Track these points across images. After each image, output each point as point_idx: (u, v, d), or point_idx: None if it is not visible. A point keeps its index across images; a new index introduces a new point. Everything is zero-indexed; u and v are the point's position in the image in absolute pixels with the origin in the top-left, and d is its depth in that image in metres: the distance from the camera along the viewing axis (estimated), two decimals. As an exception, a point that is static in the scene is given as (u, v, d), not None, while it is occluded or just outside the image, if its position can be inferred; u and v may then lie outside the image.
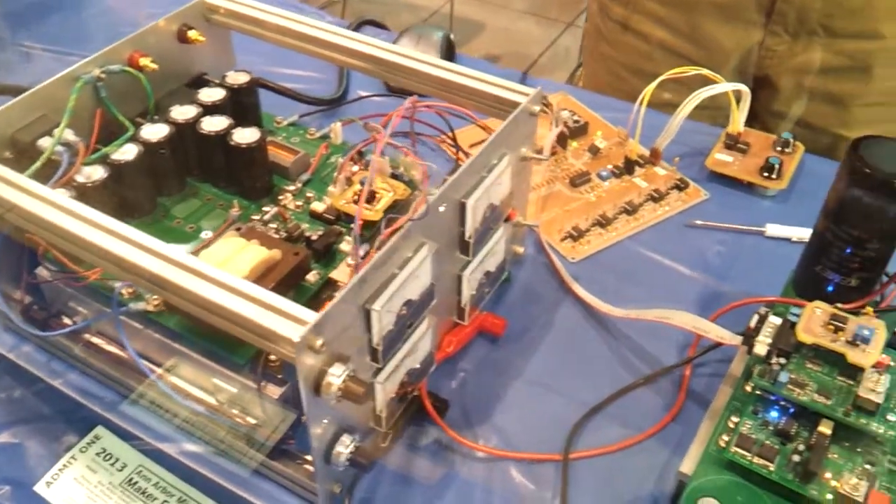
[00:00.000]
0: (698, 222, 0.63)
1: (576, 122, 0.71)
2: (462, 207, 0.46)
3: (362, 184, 0.53)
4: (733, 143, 0.68)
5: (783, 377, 0.43)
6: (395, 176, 0.55)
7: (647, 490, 0.46)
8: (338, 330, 0.38)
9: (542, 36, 2.28)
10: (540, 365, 0.53)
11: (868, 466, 0.42)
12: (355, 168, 0.56)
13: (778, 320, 0.45)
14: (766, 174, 0.66)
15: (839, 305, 0.47)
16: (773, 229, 0.62)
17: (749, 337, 0.45)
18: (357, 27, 0.85)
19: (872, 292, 0.50)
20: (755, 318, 0.45)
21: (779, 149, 0.68)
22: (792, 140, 0.68)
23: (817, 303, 0.46)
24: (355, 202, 0.52)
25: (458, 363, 0.53)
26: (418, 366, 0.46)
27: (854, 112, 0.76)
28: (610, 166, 0.68)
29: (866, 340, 0.43)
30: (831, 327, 0.44)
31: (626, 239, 0.62)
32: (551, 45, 2.25)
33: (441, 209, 0.44)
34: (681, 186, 0.66)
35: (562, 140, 0.70)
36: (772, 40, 0.74)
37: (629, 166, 0.68)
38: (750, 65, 0.77)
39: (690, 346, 0.53)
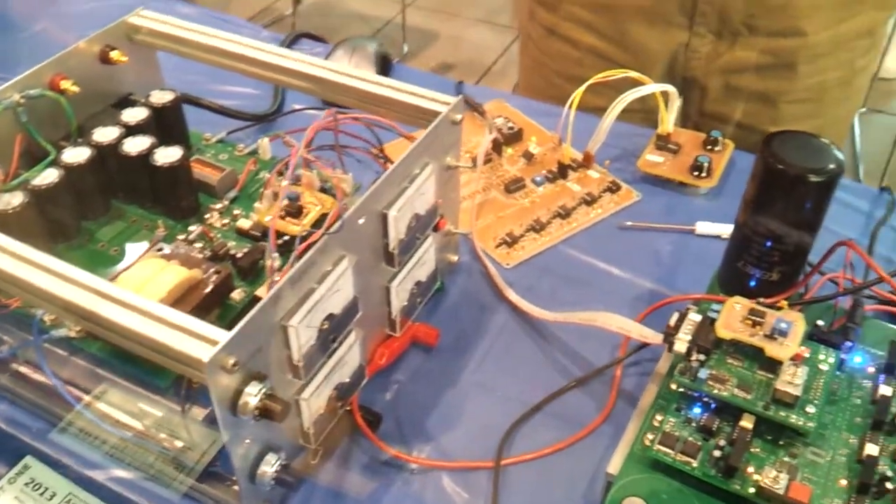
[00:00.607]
0: (629, 223, 0.64)
1: (510, 128, 0.71)
2: (384, 218, 0.46)
3: (289, 199, 0.53)
4: (664, 144, 0.69)
5: (703, 373, 0.43)
6: (324, 190, 0.55)
7: (579, 492, 0.46)
8: (253, 348, 0.37)
9: (496, 43, 2.30)
10: (474, 372, 0.53)
11: (790, 459, 0.43)
12: (284, 183, 0.56)
13: (698, 317, 0.46)
14: (696, 173, 0.67)
15: (761, 300, 0.48)
16: (702, 227, 0.63)
17: (669, 335, 0.45)
18: (293, 41, 0.85)
19: (795, 284, 0.51)
20: (675, 316, 0.46)
21: (709, 147, 0.69)
22: (721, 138, 0.69)
23: (737, 298, 0.46)
24: (281, 218, 0.52)
25: (392, 375, 0.53)
26: (348, 380, 0.46)
27: (782, 109, 0.77)
28: (544, 172, 0.68)
29: (784, 334, 0.44)
30: (749, 322, 0.45)
31: (560, 243, 0.63)
32: (504, 53, 2.27)
33: (360, 221, 0.44)
34: (613, 189, 0.67)
35: (497, 147, 0.70)
36: (697, 41, 0.75)
37: (563, 171, 0.68)
38: (678, 66, 0.78)
39: (621, 347, 0.54)
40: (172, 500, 0.45)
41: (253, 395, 0.37)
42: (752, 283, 0.51)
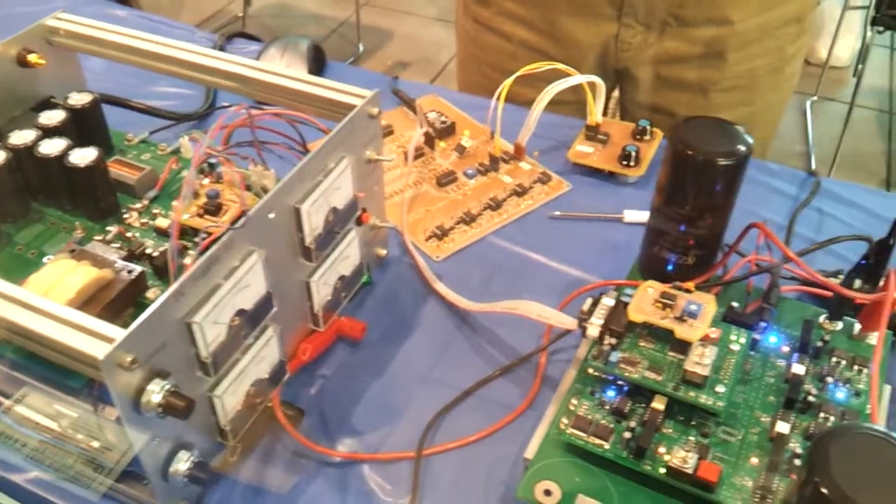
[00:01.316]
0: (558, 213, 0.64)
1: (443, 122, 0.72)
2: (297, 213, 0.46)
3: (209, 196, 0.53)
4: (593, 135, 0.70)
5: (614, 357, 0.44)
6: (248, 187, 0.54)
7: (500, 478, 0.47)
8: (155, 345, 0.37)
9: (450, 41, 2.29)
10: (401, 365, 0.54)
11: (702, 439, 0.43)
12: (206, 181, 0.56)
13: (611, 302, 0.46)
14: (624, 162, 0.67)
15: (678, 283, 0.49)
16: (630, 215, 0.64)
17: (582, 320, 0.45)
18: (227, 40, 0.84)
19: (712, 266, 0.52)
20: (588, 301, 0.46)
21: (637, 137, 0.70)
22: (649, 127, 0.70)
23: (650, 282, 0.47)
24: (200, 216, 0.52)
25: (317, 370, 0.53)
26: (266, 376, 0.46)
27: (712, 97, 0.78)
28: (476, 164, 0.69)
29: (694, 315, 0.45)
30: (661, 305, 0.45)
31: (491, 234, 0.63)
32: (460, 50, 2.27)
33: (271, 216, 0.44)
34: (544, 180, 0.68)
35: (429, 141, 0.71)
36: (626, 33, 0.76)
37: (494, 163, 0.69)
38: (609, 58, 0.78)
39: (545, 334, 0.54)
40: (92, 501, 0.45)
41: (156, 392, 0.37)
42: (670, 268, 0.52)
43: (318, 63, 0.79)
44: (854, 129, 1.98)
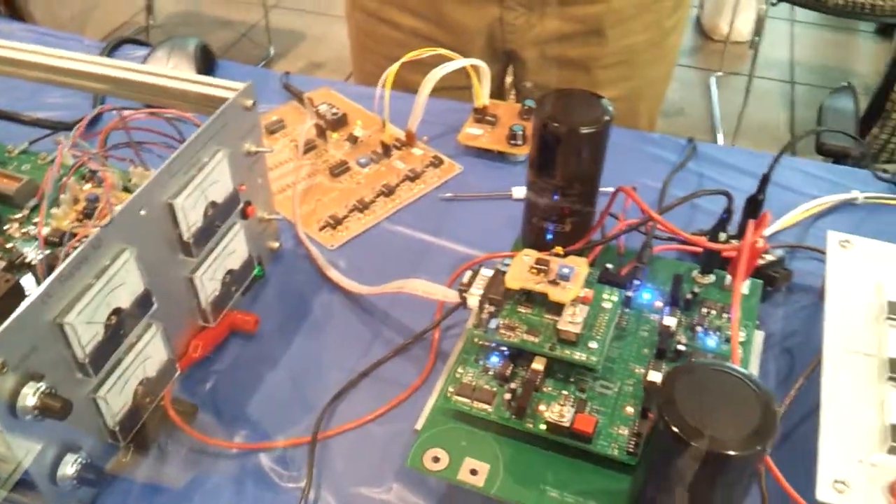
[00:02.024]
0: (449, 195, 0.66)
1: (334, 114, 0.72)
2: (171, 208, 0.46)
3: (88, 200, 0.53)
4: (482, 117, 0.72)
5: (493, 323, 0.46)
6: (127, 189, 0.54)
7: (397, 453, 0.48)
8: (25, 348, 0.37)
9: (363, 38, 2.30)
10: (297, 354, 0.54)
11: (580, 394, 0.45)
12: (87, 186, 0.55)
13: (489, 272, 0.48)
14: (513, 142, 0.69)
15: (558, 250, 0.51)
16: (518, 192, 0.66)
17: (463, 292, 0.47)
18: (115, 47, 0.84)
19: (589, 232, 0.54)
20: (468, 273, 0.48)
21: (525, 117, 0.72)
22: (535, 107, 0.72)
23: (526, 251, 0.49)
24: (80, 220, 0.51)
25: (211, 365, 0.53)
26: (154, 374, 0.46)
27: (596, 74, 0.81)
28: (369, 153, 0.70)
29: (566, 278, 0.46)
30: (535, 271, 0.47)
31: (385, 220, 0.64)
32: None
33: (142, 213, 0.44)
34: (436, 163, 0.69)
35: (322, 133, 0.71)
36: (509, 15, 0.78)
37: (387, 150, 0.70)
38: (496, 41, 0.80)
39: (437, 311, 0.56)
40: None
41: (30, 395, 0.37)
42: (549, 237, 0.53)
43: (206, 63, 0.79)
44: (759, 101, 2.06)
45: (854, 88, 1.08)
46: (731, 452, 0.31)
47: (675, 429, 0.32)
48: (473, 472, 0.43)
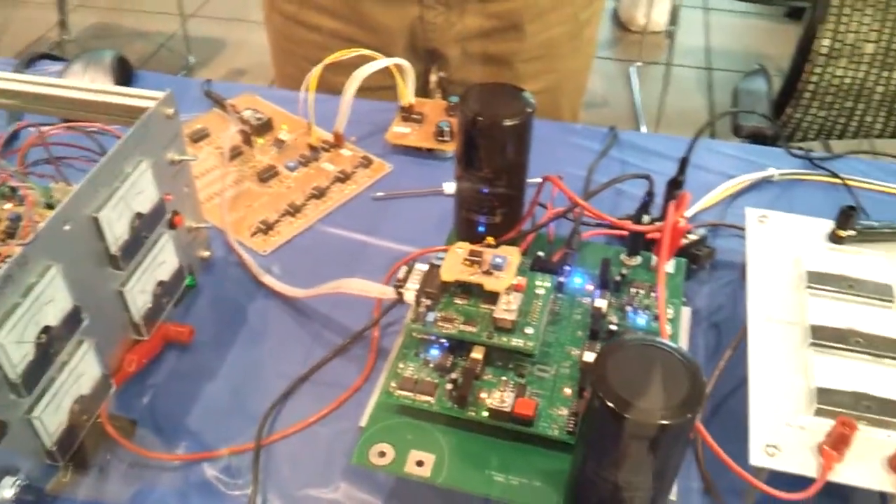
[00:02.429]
0: (380, 194, 0.66)
1: (259, 119, 0.72)
2: (96, 222, 0.45)
3: (10, 220, 0.51)
4: (408, 115, 0.72)
5: (431, 317, 0.46)
6: (50, 206, 0.53)
7: (342, 452, 0.48)
8: (-49, 372, 0.36)
9: (285, 44, 2.28)
10: (235, 362, 0.54)
11: (519, 379, 0.46)
12: (8, 206, 0.54)
13: (424, 267, 0.48)
14: (440, 138, 0.70)
15: (490, 240, 0.51)
16: (448, 187, 0.66)
17: (399, 287, 0.47)
18: (29, 62, 0.81)
19: (520, 221, 0.55)
20: (403, 269, 0.48)
21: (451, 113, 0.73)
22: (459, 102, 0.72)
23: (459, 244, 0.49)
24: (2, 240, 0.50)
25: (148, 379, 0.52)
26: (89, 392, 0.45)
27: (518, 68, 0.82)
28: (297, 156, 0.69)
29: (500, 268, 0.47)
30: (469, 263, 0.48)
31: (318, 222, 0.64)
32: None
33: (66, 228, 0.43)
34: (365, 164, 0.69)
35: (247, 139, 0.71)
36: (429, 14, 0.78)
37: (314, 153, 0.70)
38: (418, 40, 0.81)
39: (375, 309, 0.56)
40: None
41: (-41, 419, 0.36)
42: (481, 229, 0.54)
43: (124, 75, 0.77)
44: (678, 88, 2.11)
45: (766, 70, 1.13)
46: (663, 422, 0.33)
47: (608, 403, 0.33)
48: (420, 463, 0.43)
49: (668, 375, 0.34)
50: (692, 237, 0.59)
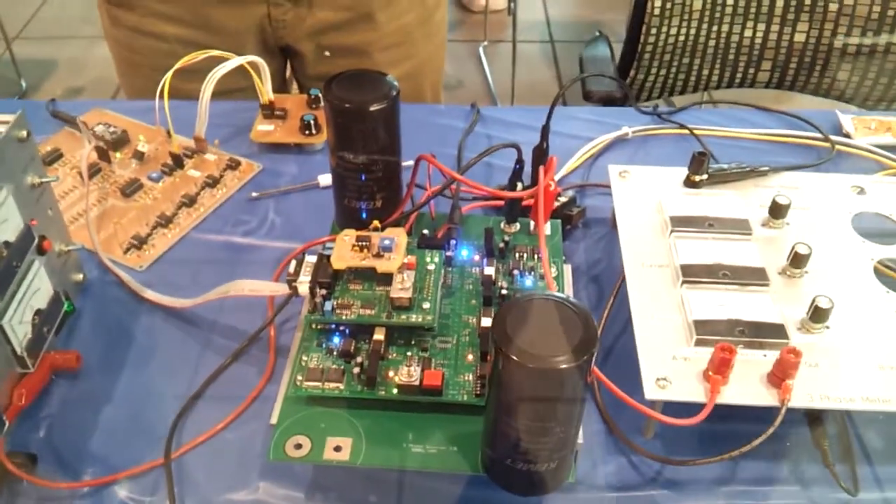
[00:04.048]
0: (255, 194, 0.66)
1: (113, 133, 0.69)
2: (-40, 256, 0.43)
3: None
4: (270, 112, 0.72)
5: (328, 306, 0.47)
6: None
7: (256, 453, 0.48)
8: None
9: (122, 57, 2.18)
10: (128, 381, 0.52)
11: (423, 353, 0.47)
12: None
13: (314, 258, 0.48)
14: (307, 132, 0.70)
15: (375, 224, 0.52)
16: (324, 179, 0.66)
17: (291, 281, 0.47)
18: None
19: (401, 203, 0.56)
20: (293, 263, 0.48)
21: (313, 106, 0.73)
22: (320, 94, 0.73)
23: (345, 231, 0.50)
24: None
25: (41, 411, 0.50)
26: (-22, 433, 0.43)
27: (376, 58, 0.83)
28: (160, 167, 0.68)
29: (389, 249, 0.48)
30: (358, 248, 0.48)
31: (192, 230, 0.63)
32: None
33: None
34: (233, 166, 0.68)
35: (103, 155, 0.68)
36: (276, 11, 0.78)
37: (178, 161, 0.68)
38: (269, 38, 0.80)
39: (268, 308, 0.56)
40: None
41: None
42: (363, 215, 0.55)
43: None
44: (526, 63, 2.18)
45: (606, 36, 1.18)
46: (564, 366, 0.35)
47: (512, 357, 0.35)
48: (337, 448, 0.44)
49: (562, 324, 0.36)
50: (563, 199, 0.62)
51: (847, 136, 0.73)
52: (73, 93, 2.06)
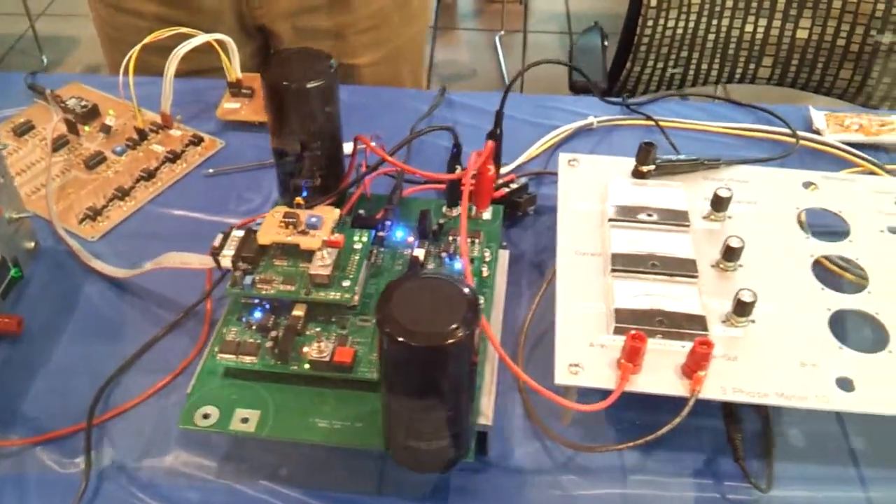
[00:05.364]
0: (210, 171, 0.67)
1: (84, 107, 0.71)
2: None
3: None
4: (237, 91, 0.72)
5: (248, 280, 0.47)
6: None
7: (175, 422, 0.49)
8: None
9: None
10: (67, 348, 0.54)
11: (341, 330, 0.48)
12: None
13: (241, 233, 0.49)
14: (271, 110, 0.70)
15: (298, 200, 0.53)
16: (280, 157, 0.67)
17: (215, 255, 0.48)
18: None
19: (341, 183, 0.57)
20: (219, 237, 0.49)
21: (281, 85, 0.73)
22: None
23: (277, 208, 0.51)
24: None
25: (-25, 373, 0.52)
26: None
27: (352, 41, 0.83)
28: (125, 140, 0.69)
29: (315, 227, 0.49)
30: (284, 224, 0.49)
31: (148, 203, 0.64)
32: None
33: None
34: (196, 142, 0.69)
35: (72, 127, 0.69)
36: (252, -9, 0.78)
37: (143, 135, 0.69)
38: (245, 18, 0.81)
39: (207, 281, 0.57)
40: None
41: None
42: (305, 193, 0.55)
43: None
44: (541, 53, 2.17)
45: (601, 27, 1.18)
46: (442, 343, 0.35)
47: (389, 333, 0.35)
48: (245, 420, 0.44)
49: (446, 302, 0.37)
50: (514, 186, 0.62)
51: (817, 132, 0.72)
52: (91, 70, 2.09)
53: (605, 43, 1.15)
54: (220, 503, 0.46)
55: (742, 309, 0.48)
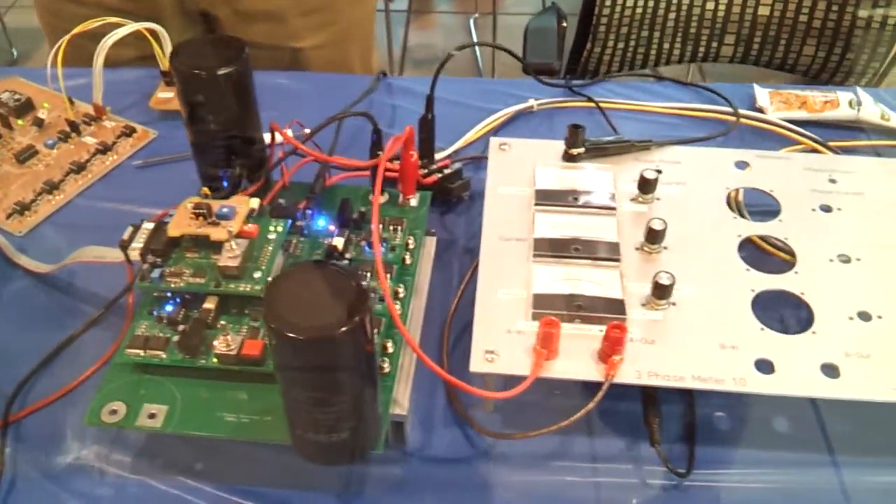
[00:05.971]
0: (139, 162, 0.66)
1: (17, 100, 0.70)
2: None
3: None
4: (171, 80, 0.71)
5: (156, 273, 0.47)
6: None
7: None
8: None
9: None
10: (-14, 344, 0.53)
11: (254, 323, 0.47)
12: None
13: (151, 225, 0.48)
14: (206, 99, 0.69)
15: (205, 191, 0.52)
16: (212, 147, 0.66)
17: (124, 247, 0.47)
18: None
19: (262, 173, 0.56)
20: (129, 229, 0.48)
21: (217, 73, 0.72)
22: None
23: (190, 199, 0.50)
24: None
25: None
26: None
27: (295, 23, 0.82)
28: (56, 133, 0.68)
29: (227, 217, 0.48)
30: (194, 216, 0.48)
31: (77, 197, 0.63)
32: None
33: None
34: (128, 132, 0.68)
35: (5, 122, 0.68)
36: (192, -25, 0.77)
37: (75, 128, 0.68)
38: (187, 3, 0.80)
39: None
40: None
41: None
42: (225, 183, 0.55)
43: None
44: (513, 36, 2.15)
45: (559, 8, 1.16)
46: (332, 333, 0.34)
47: (273, 326, 0.35)
48: (152, 415, 0.44)
49: (335, 292, 0.36)
50: (447, 171, 0.61)
51: (761, 110, 0.71)
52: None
53: (565, 24, 1.13)
54: (134, 498, 0.46)
55: (661, 292, 0.48)
